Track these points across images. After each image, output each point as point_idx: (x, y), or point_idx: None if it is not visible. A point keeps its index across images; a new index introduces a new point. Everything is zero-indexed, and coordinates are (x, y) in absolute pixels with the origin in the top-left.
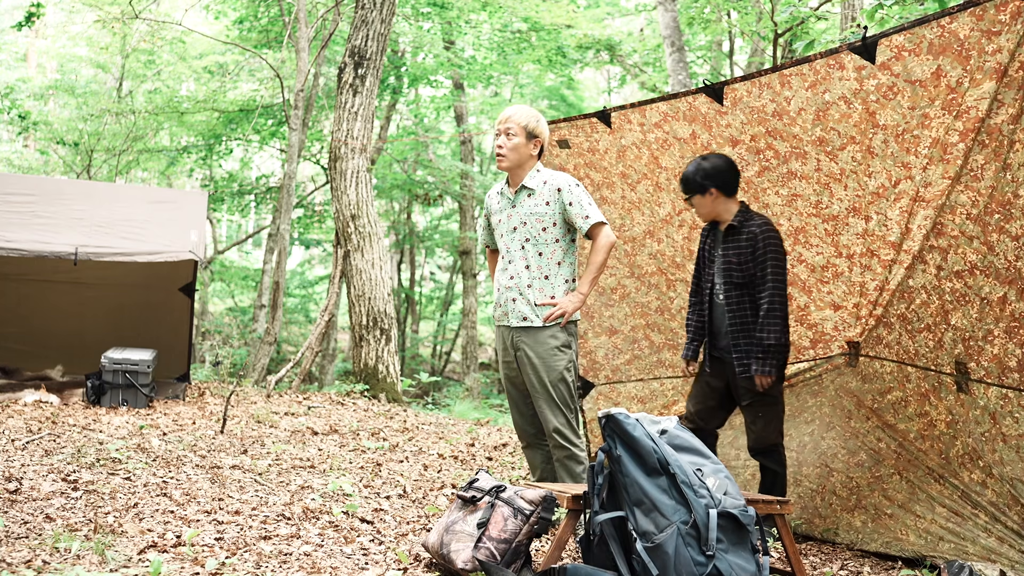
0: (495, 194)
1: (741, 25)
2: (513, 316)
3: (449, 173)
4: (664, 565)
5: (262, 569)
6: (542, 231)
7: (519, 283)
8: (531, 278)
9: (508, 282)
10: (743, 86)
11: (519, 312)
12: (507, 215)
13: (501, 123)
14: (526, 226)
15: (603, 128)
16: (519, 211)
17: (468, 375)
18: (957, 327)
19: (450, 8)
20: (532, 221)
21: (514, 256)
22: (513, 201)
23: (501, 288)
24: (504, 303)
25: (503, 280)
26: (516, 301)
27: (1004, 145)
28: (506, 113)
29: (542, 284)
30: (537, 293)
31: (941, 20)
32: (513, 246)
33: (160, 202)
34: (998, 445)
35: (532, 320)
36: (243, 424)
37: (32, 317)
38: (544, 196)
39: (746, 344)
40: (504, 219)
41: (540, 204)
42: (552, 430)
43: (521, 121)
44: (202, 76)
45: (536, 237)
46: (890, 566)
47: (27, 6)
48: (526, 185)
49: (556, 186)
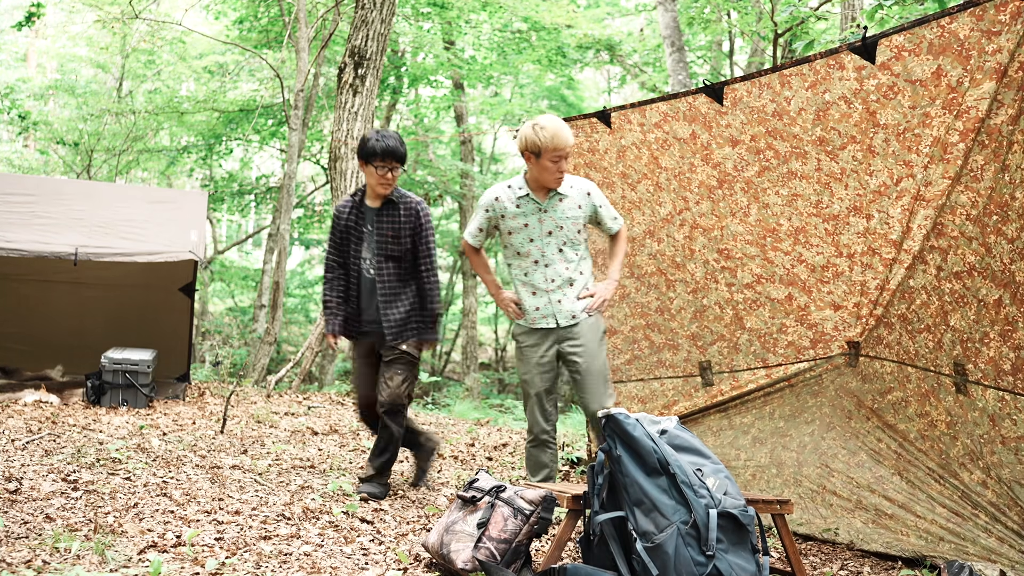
0: (510, 199)
1: (741, 25)
2: (561, 317)
3: (449, 173)
4: (664, 565)
5: (262, 569)
6: (576, 233)
7: (562, 284)
8: (571, 277)
9: (549, 285)
10: (743, 86)
11: (567, 312)
12: (537, 220)
13: (563, 149)
14: (562, 230)
15: (603, 128)
16: (552, 215)
17: (468, 375)
18: (956, 328)
19: (450, 8)
20: (568, 224)
21: (551, 259)
22: (543, 206)
23: (538, 291)
24: (544, 306)
25: (540, 284)
26: (562, 302)
27: (1003, 146)
28: (567, 140)
29: (579, 280)
30: (579, 289)
31: (941, 20)
32: (549, 250)
33: (160, 202)
34: (997, 447)
35: (580, 316)
36: (243, 424)
37: (32, 317)
38: (576, 199)
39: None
40: (534, 223)
41: (573, 207)
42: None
43: (572, 143)
44: (202, 76)
45: (572, 239)
46: (890, 566)
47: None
48: (558, 191)
49: (585, 190)
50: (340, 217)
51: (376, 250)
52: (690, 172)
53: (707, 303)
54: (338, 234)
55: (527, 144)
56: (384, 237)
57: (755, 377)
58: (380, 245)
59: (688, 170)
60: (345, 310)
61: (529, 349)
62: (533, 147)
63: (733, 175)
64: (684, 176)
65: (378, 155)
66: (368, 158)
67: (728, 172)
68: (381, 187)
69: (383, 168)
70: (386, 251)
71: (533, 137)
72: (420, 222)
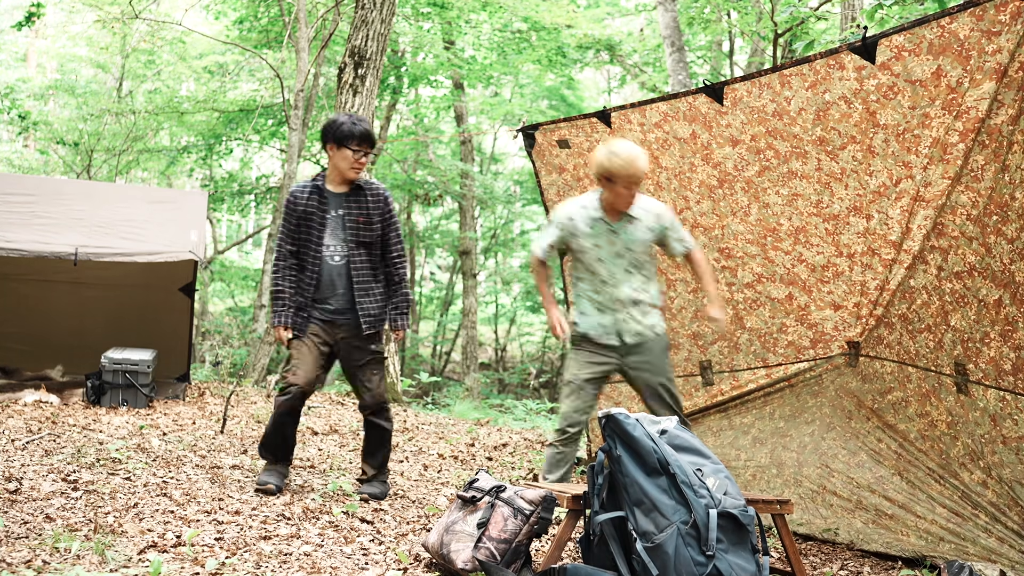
0: (584, 218)
1: (741, 25)
2: (627, 335)
3: (449, 173)
4: (664, 565)
5: (262, 569)
6: (645, 255)
7: (628, 303)
8: (638, 298)
9: (615, 304)
10: (743, 86)
11: (633, 330)
12: (608, 241)
13: (638, 177)
14: (631, 252)
15: (603, 128)
16: (623, 238)
17: (468, 375)
18: (956, 328)
19: (450, 8)
20: (636, 246)
21: (619, 279)
22: (614, 228)
23: (605, 309)
24: (610, 324)
25: (607, 302)
26: (628, 321)
27: (1003, 146)
28: (641, 169)
29: (649, 299)
30: (646, 308)
31: (941, 20)
32: (618, 270)
33: (160, 202)
34: (998, 447)
35: (646, 334)
36: (243, 424)
37: (32, 317)
38: (646, 222)
39: (379, 302)
40: (604, 244)
41: (643, 230)
42: None
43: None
44: (202, 76)
45: (640, 260)
46: (890, 566)
47: (27, 6)
48: (629, 214)
49: (656, 212)
50: (298, 202)
51: (347, 237)
52: (690, 172)
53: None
54: (295, 220)
55: (601, 170)
56: (355, 223)
57: (755, 377)
58: (352, 231)
59: (688, 170)
60: (296, 301)
61: (585, 356)
62: (607, 173)
63: (733, 175)
64: (684, 176)
65: (356, 138)
66: (344, 140)
67: (728, 172)
68: (353, 171)
69: (359, 152)
70: (358, 238)
71: (607, 164)
72: (389, 208)
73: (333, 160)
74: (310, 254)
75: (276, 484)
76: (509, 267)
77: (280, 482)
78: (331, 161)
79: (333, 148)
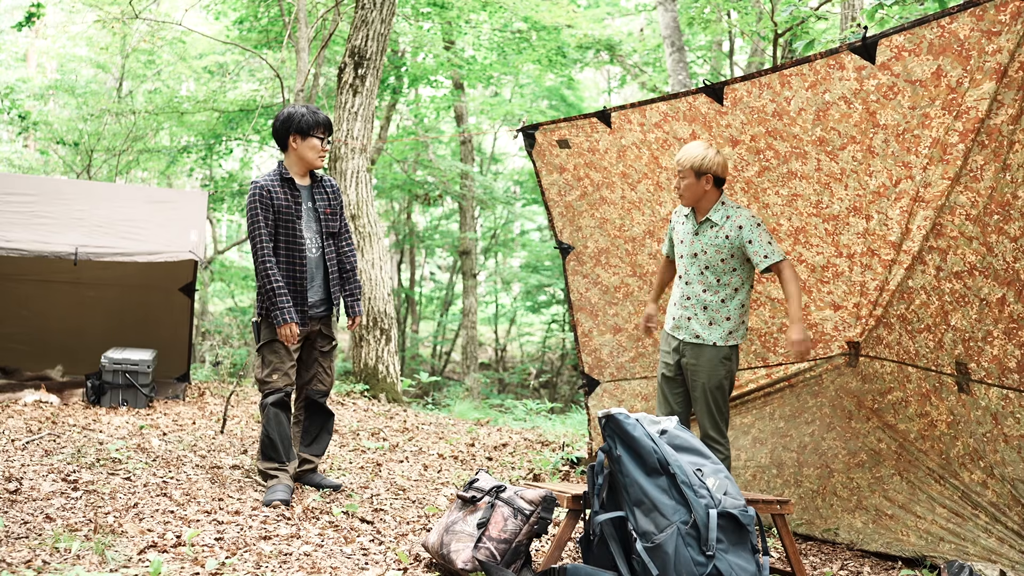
0: (682, 215)
1: (741, 25)
2: (686, 332)
3: (449, 173)
4: (664, 565)
5: (262, 569)
6: (720, 261)
7: (695, 304)
8: (707, 301)
9: (684, 301)
10: (743, 86)
11: (692, 330)
12: (690, 240)
13: (675, 166)
14: (706, 255)
15: (603, 128)
16: (701, 240)
17: (468, 375)
18: (957, 328)
19: (450, 8)
20: (711, 251)
21: (692, 278)
22: (696, 230)
23: (677, 303)
24: (678, 318)
25: (678, 297)
26: (691, 320)
27: (1004, 146)
28: (677, 157)
29: (718, 306)
30: (713, 314)
31: (941, 20)
32: (692, 270)
33: (160, 202)
34: (1000, 446)
35: (704, 339)
36: (243, 424)
37: (32, 317)
38: (725, 231)
39: (349, 289)
40: (686, 242)
41: (720, 237)
42: (703, 435)
43: (687, 163)
44: (202, 76)
45: (715, 266)
46: (890, 566)
47: (27, 6)
48: (709, 218)
49: (738, 223)
50: (272, 195)
51: (320, 228)
52: None
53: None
54: (271, 214)
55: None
56: (325, 215)
57: (755, 377)
58: (324, 223)
59: None
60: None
61: (664, 345)
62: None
63: (733, 175)
64: None
65: (321, 125)
66: (309, 130)
67: (728, 172)
68: (320, 159)
69: (323, 139)
70: (328, 229)
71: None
72: (340, 199)
73: (299, 152)
74: (294, 248)
75: (283, 499)
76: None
77: (288, 496)
78: (295, 153)
79: (298, 139)
